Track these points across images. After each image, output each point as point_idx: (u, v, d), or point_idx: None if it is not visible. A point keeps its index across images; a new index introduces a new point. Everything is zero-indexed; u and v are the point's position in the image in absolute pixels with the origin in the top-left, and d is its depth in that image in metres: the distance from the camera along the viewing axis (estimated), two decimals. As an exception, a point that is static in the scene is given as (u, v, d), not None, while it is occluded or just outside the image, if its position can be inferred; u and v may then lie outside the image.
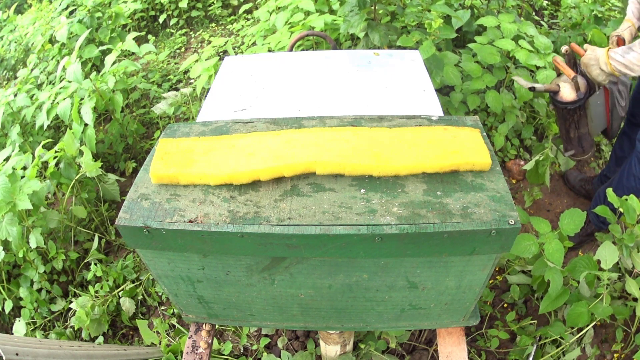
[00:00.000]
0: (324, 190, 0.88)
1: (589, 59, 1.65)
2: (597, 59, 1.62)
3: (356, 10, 2.13)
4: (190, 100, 2.59)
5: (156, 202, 0.89)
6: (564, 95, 1.75)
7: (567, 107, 1.76)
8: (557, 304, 1.47)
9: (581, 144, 1.91)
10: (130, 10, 3.60)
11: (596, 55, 1.63)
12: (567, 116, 1.82)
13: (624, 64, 1.53)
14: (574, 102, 1.73)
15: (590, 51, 1.65)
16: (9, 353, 1.27)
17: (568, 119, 1.83)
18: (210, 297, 1.07)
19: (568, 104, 1.75)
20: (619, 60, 1.54)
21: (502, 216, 0.82)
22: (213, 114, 1.31)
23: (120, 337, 2.01)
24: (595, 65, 1.63)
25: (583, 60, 1.68)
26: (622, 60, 1.53)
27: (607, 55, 1.58)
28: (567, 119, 1.83)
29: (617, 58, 1.55)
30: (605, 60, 1.58)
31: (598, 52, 1.62)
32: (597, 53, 1.63)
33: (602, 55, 1.60)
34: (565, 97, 1.74)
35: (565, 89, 1.74)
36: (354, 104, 1.30)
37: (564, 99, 1.75)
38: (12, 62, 3.70)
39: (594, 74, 1.64)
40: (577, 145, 1.91)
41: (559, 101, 1.77)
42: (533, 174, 2.11)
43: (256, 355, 1.79)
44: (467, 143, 0.93)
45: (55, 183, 2.12)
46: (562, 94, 1.75)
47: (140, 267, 2.18)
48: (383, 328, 1.18)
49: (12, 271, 2.17)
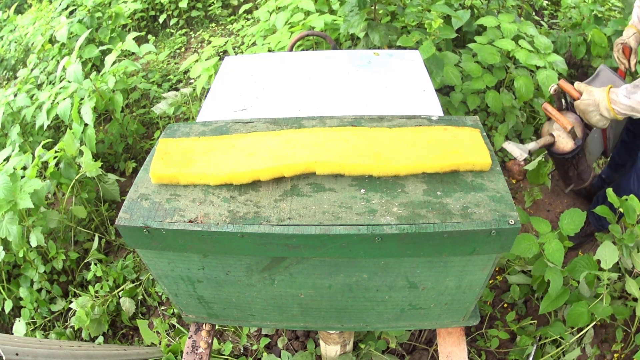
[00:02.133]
0: (324, 190, 0.88)
1: (586, 105, 1.43)
2: (596, 105, 1.40)
3: (356, 10, 2.13)
4: (190, 100, 2.59)
5: (156, 202, 0.89)
6: (561, 146, 1.58)
7: (566, 157, 1.61)
8: (557, 304, 1.47)
9: (580, 177, 1.82)
10: (130, 10, 3.60)
11: (595, 100, 1.40)
12: (565, 163, 1.71)
13: (630, 106, 1.32)
14: (572, 151, 1.58)
15: (587, 95, 1.43)
16: (9, 353, 1.27)
17: (566, 164, 1.72)
18: (210, 297, 1.07)
19: (567, 154, 1.60)
20: (623, 102, 1.33)
21: (502, 216, 0.82)
22: (213, 114, 1.31)
23: (120, 337, 2.01)
24: (595, 111, 1.42)
25: (579, 107, 1.47)
26: (628, 102, 1.32)
27: (608, 99, 1.36)
28: (566, 164, 1.72)
29: (621, 100, 1.34)
30: (607, 106, 1.36)
31: (596, 95, 1.40)
32: (595, 97, 1.40)
33: (603, 100, 1.37)
34: (562, 147, 1.58)
35: (562, 139, 1.56)
36: (354, 104, 1.30)
37: (561, 150, 1.59)
38: (12, 62, 3.70)
39: (594, 120, 1.44)
40: (577, 179, 1.83)
41: (557, 153, 1.61)
42: (534, 175, 2.10)
43: (256, 355, 1.79)
44: (467, 143, 0.93)
45: (55, 183, 2.12)
46: (559, 144, 1.58)
47: (140, 267, 2.18)
48: (383, 328, 1.18)
49: (12, 271, 2.17)
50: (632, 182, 1.70)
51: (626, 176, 1.75)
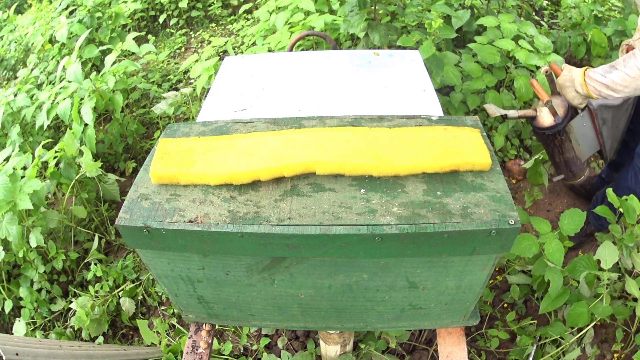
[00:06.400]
0: (324, 190, 0.88)
1: (564, 80, 1.52)
2: (572, 80, 1.49)
3: (356, 10, 2.13)
4: (190, 100, 2.59)
5: (156, 202, 0.89)
6: (541, 120, 1.66)
7: (545, 132, 1.68)
8: (557, 304, 1.47)
9: (570, 169, 1.83)
10: (130, 10, 3.60)
11: (572, 75, 1.49)
12: (547, 142, 1.75)
13: (605, 85, 1.39)
14: (551, 128, 1.64)
15: (567, 71, 1.52)
16: (9, 353, 1.27)
17: (549, 144, 1.76)
18: (210, 297, 1.07)
19: (546, 130, 1.66)
20: (599, 80, 1.40)
21: (502, 216, 0.82)
22: (213, 114, 1.31)
23: (120, 337, 2.01)
24: (571, 87, 1.50)
25: (558, 82, 1.55)
26: (603, 80, 1.39)
27: (582, 75, 1.44)
28: (548, 144, 1.76)
29: (597, 78, 1.41)
30: (581, 82, 1.44)
31: (574, 72, 1.49)
32: (572, 74, 1.49)
33: (578, 76, 1.46)
34: (542, 122, 1.66)
35: (543, 113, 1.64)
36: (354, 104, 1.30)
37: (541, 124, 1.67)
38: (12, 62, 3.70)
39: (570, 96, 1.52)
40: (566, 169, 1.85)
41: (537, 127, 1.69)
42: (533, 173, 2.10)
43: (256, 355, 1.79)
44: (467, 143, 0.93)
45: (55, 183, 2.12)
46: (539, 118, 1.66)
47: (140, 267, 2.18)
48: (383, 328, 1.18)
49: (12, 271, 2.17)
50: (629, 178, 1.70)
51: (624, 174, 1.75)
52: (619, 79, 1.37)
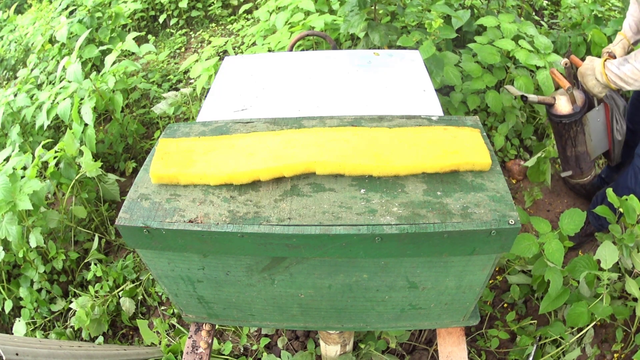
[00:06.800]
0: (324, 190, 0.88)
1: (585, 69, 1.59)
2: (593, 69, 1.56)
3: (356, 10, 2.13)
4: (190, 100, 2.59)
5: (156, 202, 0.89)
6: (559, 107, 1.69)
7: (562, 120, 1.70)
8: (557, 304, 1.47)
9: (579, 165, 1.84)
10: (130, 10, 3.60)
11: (593, 65, 1.57)
12: (562, 131, 1.77)
13: (619, 76, 1.47)
14: (569, 116, 1.67)
15: (588, 61, 1.59)
16: (9, 353, 1.27)
17: (564, 134, 1.77)
18: (210, 297, 1.07)
19: (563, 118, 1.69)
20: (614, 71, 1.48)
21: (502, 216, 0.82)
22: (213, 114, 1.31)
23: (120, 337, 2.01)
24: (592, 75, 1.57)
25: (580, 70, 1.62)
26: (617, 72, 1.47)
27: (603, 65, 1.52)
28: (563, 134, 1.78)
29: (613, 69, 1.49)
30: (601, 70, 1.52)
31: (595, 61, 1.57)
32: (594, 63, 1.57)
33: (599, 65, 1.54)
34: (561, 109, 1.68)
35: (561, 101, 1.68)
36: (354, 104, 1.30)
37: (559, 111, 1.69)
38: (12, 62, 3.70)
39: (590, 84, 1.58)
40: (575, 165, 1.85)
41: (554, 114, 1.71)
42: (534, 172, 2.10)
43: (256, 355, 1.79)
44: (467, 143, 0.93)
45: (55, 183, 2.12)
46: (558, 106, 1.69)
47: (140, 267, 2.18)
48: (383, 328, 1.18)
49: (12, 271, 2.17)
50: (629, 178, 1.71)
51: (624, 173, 1.75)
52: (630, 72, 1.43)
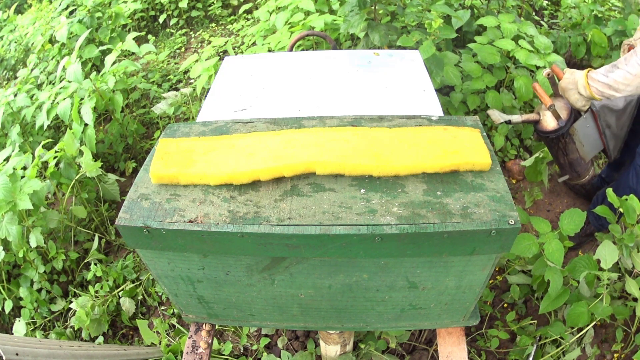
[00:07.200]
0: (324, 190, 0.88)
1: (567, 83, 1.54)
2: (575, 83, 1.51)
3: (356, 10, 2.13)
4: (190, 100, 2.59)
5: (156, 202, 0.89)
6: (545, 124, 1.67)
7: (549, 136, 1.69)
8: (557, 304, 1.47)
9: (574, 169, 1.85)
10: (130, 10, 3.60)
11: (574, 78, 1.51)
12: (551, 144, 1.77)
13: (608, 84, 1.41)
14: (555, 131, 1.66)
15: (569, 74, 1.54)
16: (9, 353, 1.27)
17: (553, 147, 1.78)
18: (210, 297, 1.07)
19: (549, 133, 1.68)
20: (602, 80, 1.42)
21: (502, 216, 0.82)
22: (213, 114, 1.31)
23: (120, 337, 2.01)
24: (574, 89, 1.51)
25: (561, 85, 1.57)
26: (606, 80, 1.41)
27: (585, 78, 1.46)
28: (552, 147, 1.78)
29: (599, 79, 1.42)
30: (584, 84, 1.46)
31: (577, 74, 1.51)
32: (575, 76, 1.51)
33: (581, 78, 1.48)
34: (546, 126, 1.67)
35: (547, 117, 1.66)
36: (354, 104, 1.31)
37: (544, 128, 1.68)
38: (12, 62, 3.70)
39: (573, 99, 1.54)
40: (570, 170, 1.86)
41: (540, 131, 1.70)
42: (532, 172, 2.10)
43: (256, 355, 1.79)
44: (467, 143, 0.93)
45: (55, 183, 2.12)
46: (543, 122, 1.68)
47: (140, 267, 2.18)
48: (383, 328, 1.18)
49: (12, 271, 2.17)
50: (630, 178, 1.70)
51: (625, 173, 1.75)
52: (621, 78, 1.38)
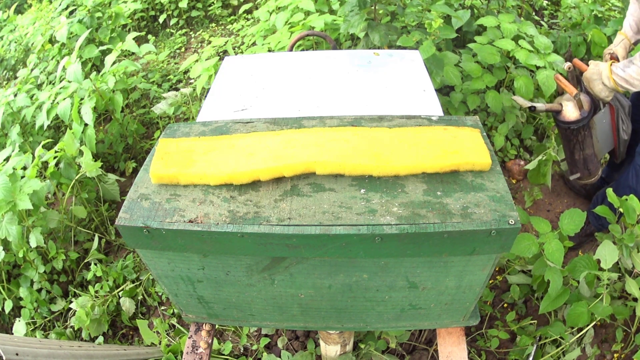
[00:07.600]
0: (324, 190, 0.88)
1: (591, 74, 1.59)
2: (599, 74, 1.56)
3: (356, 10, 2.13)
4: (190, 100, 2.59)
5: (156, 202, 0.89)
6: (567, 114, 1.69)
7: (571, 126, 1.70)
8: (557, 304, 1.47)
9: (587, 166, 1.85)
10: (130, 10, 3.60)
11: (599, 69, 1.56)
12: (571, 136, 1.77)
13: (624, 79, 1.47)
14: (577, 122, 1.68)
15: (593, 66, 1.59)
16: (9, 353, 1.27)
17: (572, 139, 1.78)
18: (210, 297, 1.07)
19: (571, 124, 1.69)
20: (620, 74, 1.48)
21: (502, 216, 0.82)
22: (213, 114, 1.31)
23: (120, 337, 2.01)
24: (598, 80, 1.56)
25: (586, 75, 1.62)
26: (623, 74, 1.47)
27: (609, 69, 1.52)
28: (572, 139, 1.78)
29: (618, 72, 1.49)
30: (608, 75, 1.52)
31: (601, 66, 1.56)
32: (599, 67, 1.57)
33: (605, 69, 1.53)
34: (568, 116, 1.69)
35: (569, 107, 1.68)
36: (354, 104, 1.30)
37: (567, 118, 1.69)
38: (12, 62, 3.70)
39: (597, 89, 1.58)
40: (583, 167, 1.85)
41: (562, 121, 1.71)
42: (535, 174, 2.10)
43: (256, 355, 1.79)
44: (467, 143, 0.93)
45: (55, 183, 2.12)
46: (565, 113, 1.69)
47: (140, 267, 2.18)
48: (383, 328, 1.18)
49: (12, 271, 2.17)
50: (630, 177, 1.71)
51: (625, 173, 1.75)
52: (636, 74, 1.44)
